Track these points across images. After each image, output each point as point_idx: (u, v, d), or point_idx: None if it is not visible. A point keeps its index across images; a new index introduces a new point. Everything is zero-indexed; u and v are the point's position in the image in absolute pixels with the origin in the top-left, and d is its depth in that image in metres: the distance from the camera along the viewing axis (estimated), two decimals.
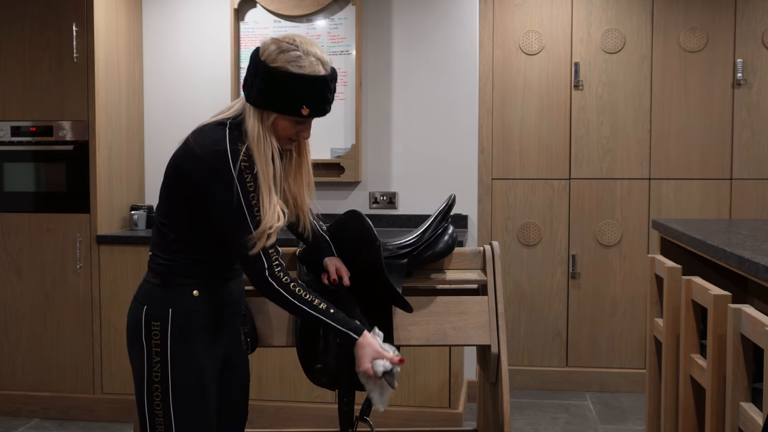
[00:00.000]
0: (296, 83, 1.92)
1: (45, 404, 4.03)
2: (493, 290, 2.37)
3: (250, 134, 1.93)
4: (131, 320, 2.04)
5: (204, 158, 1.91)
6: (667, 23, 4.32)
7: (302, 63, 1.92)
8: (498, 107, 4.42)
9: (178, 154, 1.99)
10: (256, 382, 3.89)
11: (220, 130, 1.93)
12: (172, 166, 1.99)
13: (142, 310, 2.00)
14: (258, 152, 1.92)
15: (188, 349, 2.01)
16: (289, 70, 1.92)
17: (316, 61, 1.94)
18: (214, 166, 1.89)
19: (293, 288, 1.96)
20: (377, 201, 4.27)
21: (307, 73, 1.93)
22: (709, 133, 4.34)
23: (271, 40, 1.97)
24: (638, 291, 4.40)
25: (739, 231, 2.94)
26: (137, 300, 2.04)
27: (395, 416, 3.77)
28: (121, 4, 4.16)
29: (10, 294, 4.02)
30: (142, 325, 2.00)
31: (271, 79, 1.92)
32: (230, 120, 1.97)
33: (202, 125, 1.98)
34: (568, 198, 4.42)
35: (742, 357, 2.05)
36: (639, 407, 4.13)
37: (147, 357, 1.99)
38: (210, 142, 1.91)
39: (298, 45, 1.94)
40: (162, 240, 2.02)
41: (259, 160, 1.92)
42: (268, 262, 1.93)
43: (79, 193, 3.94)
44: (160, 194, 2.04)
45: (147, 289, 2.03)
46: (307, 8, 4.21)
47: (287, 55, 1.92)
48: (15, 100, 3.98)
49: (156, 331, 1.99)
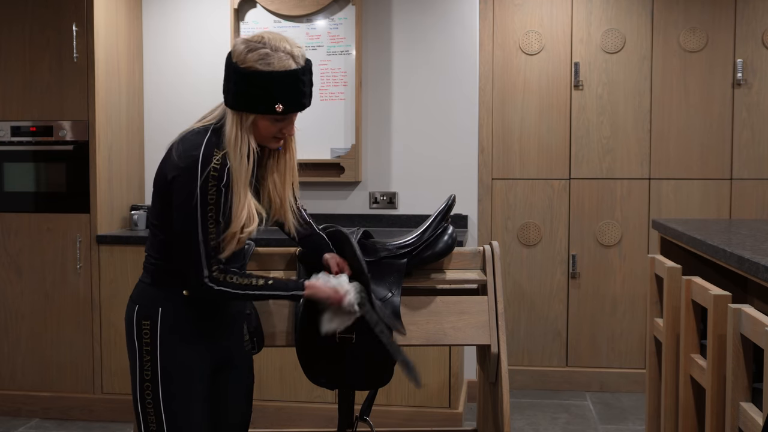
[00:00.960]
0: (266, 81, 1.91)
1: (45, 404, 4.03)
2: (492, 290, 2.37)
3: (228, 137, 1.94)
4: (126, 319, 2.07)
5: (178, 163, 1.93)
6: (667, 23, 4.32)
7: (270, 60, 1.91)
8: (498, 107, 4.42)
9: (164, 158, 2.02)
10: (256, 382, 3.88)
11: (201, 136, 1.95)
12: (159, 170, 2.03)
13: (134, 309, 2.04)
14: (234, 154, 1.93)
15: (177, 348, 2.02)
16: (258, 69, 1.91)
17: (285, 56, 1.93)
18: (183, 171, 1.91)
19: (230, 280, 1.96)
20: (377, 201, 4.27)
21: (276, 69, 1.91)
22: (709, 133, 4.34)
23: (241, 40, 1.97)
24: (638, 291, 4.40)
25: (739, 231, 2.95)
26: (132, 299, 2.07)
27: (395, 416, 3.77)
28: (121, 4, 4.16)
29: (10, 294, 4.02)
30: (134, 324, 2.03)
31: (243, 81, 1.92)
32: (213, 125, 1.99)
33: (187, 131, 2.00)
34: (568, 198, 4.42)
35: (742, 357, 2.05)
36: (639, 407, 4.13)
37: (139, 355, 2.02)
38: (188, 147, 1.93)
39: (266, 42, 1.93)
40: (153, 240, 2.05)
41: (234, 162, 1.92)
42: (209, 271, 1.93)
43: (79, 193, 3.94)
44: (152, 196, 2.06)
45: (140, 288, 2.07)
46: (307, 8, 4.21)
47: (255, 54, 1.92)
48: (15, 100, 3.98)
49: (146, 330, 2.01)
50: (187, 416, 2.04)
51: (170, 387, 2.01)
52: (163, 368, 2.01)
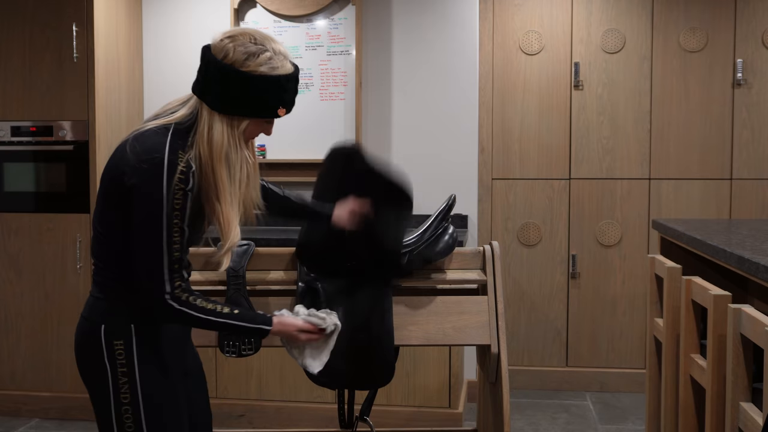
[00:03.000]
0: (273, 85, 1.81)
1: (45, 404, 4.03)
2: (493, 290, 2.37)
3: (218, 145, 1.79)
4: (86, 342, 1.88)
5: (137, 165, 1.75)
6: (667, 23, 4.32)
7: (275, 63, 1.81)
8: (498, 107, 4.42)
9: (113, 158, 1.83)
10: (256, 382, 3.89)
11: (162, 137, 1.77)
12: (108, 170, 1.84)
13: (98, 330, 1.85)
14: (226, 163, 1.81)
15: (155, 364, 1.89)
16: (264, 74, 1.80)
17: (283, 58, 1.84)
18: (145, 174, 1.74)
19: (193, 302, 1.80)
20: None
21: (282, 73, 1.82)
22: (709, 133, 4.34)
23: (228, 39, 1.82)
24: (638, 291, 4.40)
25: (739, 231, 2.95)
26: (88, 319, 1.88)
27: (395, 416, 3.77)
28: (121, 4, 4.16)
29: (10, 294, 4.02)
30: (102, 346, 1.84)
31: (245, 85, 1.79)
32: (174, 124, 1.82)
33: (142, 129, 1.81)
34: (568, 198, 4.42)
35: (742, 357, 2.05)
36: (639, 407, 4.13)
37: (112, 379, 1.85)
38: (147, 148, 1.76)
39: (264, 43, 1.82)
40: (100, 249, 1.87)
41: (223, 171, 1.80)
42: (171, 286, 1.77)
43: (79, 193, 3.94)
44: (98, 199, 1.88)
45: (97, 305, 1.87)
46: (307, 8, 4.21)
47: (260, 57, 1.80)
48: (15, 100, 3.98)
49: (120, 350, 1.84)
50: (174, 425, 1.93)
51: (155, 406, 1.88)
52: (144, 388, 1.86)
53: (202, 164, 1.80)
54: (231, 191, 1.83)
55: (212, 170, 1.80)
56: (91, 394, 1.93)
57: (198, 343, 2.27)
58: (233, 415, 3.91)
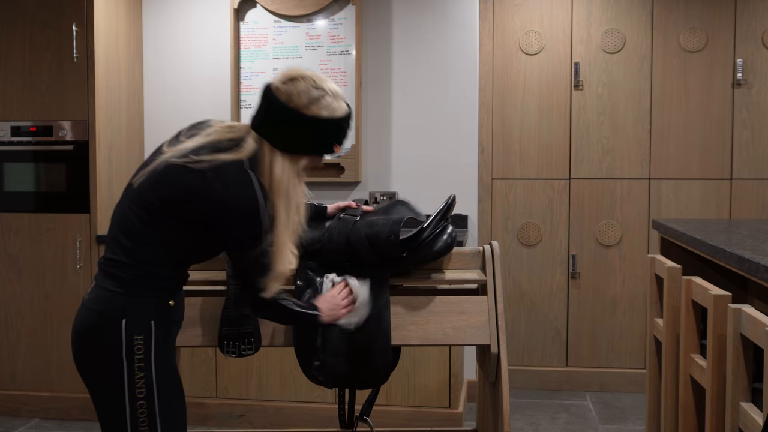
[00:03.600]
0: (332, 127, 1.98)
1: (45, 404, 4.03)
2: (492, 290, 2.37)
3: (279, 181, 1.96)
4: (99, 334, 1.93)
5: (233, 203, 1.88)
6: (667, 23, 4.32)
7: (334, 106, 1.98)
8: (498, 107, 4.42)
9: (192, 182, 1.90)
10: (256, 382, 3.89)
11: (245, 173, 1.90)
12: (185, 191, 1.91)
13: (119, 324, 1.90)
14: (287, 201, 1.96)
15: (166, 358, 1.98)
16: (325, 117, 1.96)
17: (340, 99, 2.01)
18: (245, 216, 1.89)
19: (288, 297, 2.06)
20: (377, 201, 4.27)
21: (341, 115, 2.00)
22: (709, 133, 4.34)
23: (291, 82, 1.96)
24: (638, 291, 4.40)
25: (739, 231, 2.95)
26: (105, 313, 1.93)
27: (395, 416, 3.77)
28: (121, 4, 4.16)
29: (10, 294, 4.02)
30: (121, 340, 1.90)
31: (308, 128, 1.96)
32: (247, 160, 1.94)
33: (220, 161, 1.90)
34: (568, 198, 4.42)
35: (742, 357, 2.05)
36: (639, 407, 4.13)
37: (128, 373, 1.91)
38: (239, 186, 1.89)
39: (323, 86, 1.98)
40: (139, 251, 1.93)
41: (283, 208, 1.96)
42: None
43: (79, 193, 3.94)
44: (147, 205, 1.94)
45: (119, 301, 1.92)
46: (307, 8, 4.21)
47: (321, 102, 1.96)
48: (15, 100, 3.98)
49: (140, 346, 1.91)
50: (182, 424, 2.03)
51: (166, 402, 1.96)
52: (158, 383, 1.94)
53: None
54: (286, 222, 1.97)
55: (273, 203, 1.95)
56: (96, 388, 1.96)
57: (198, 342, 2.27)
58: (233, 415, 3.91)
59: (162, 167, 1.94)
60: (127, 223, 1.95)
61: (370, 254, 2.25)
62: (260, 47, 4.27)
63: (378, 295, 2.26)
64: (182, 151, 1.94)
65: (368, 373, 2.27)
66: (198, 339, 2.25)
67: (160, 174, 1.94)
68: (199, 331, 2.24)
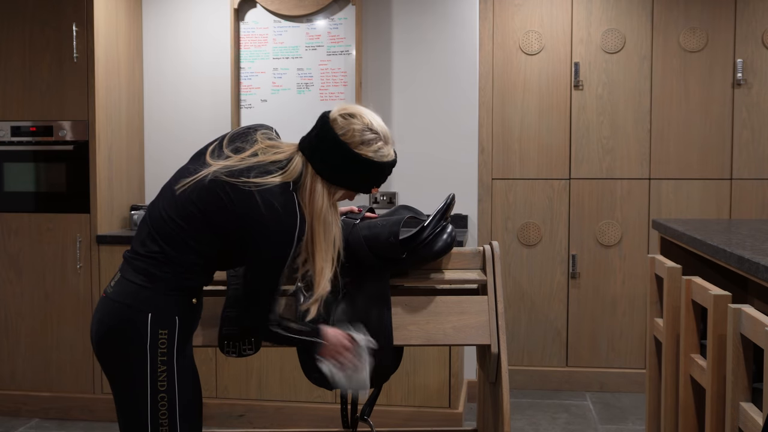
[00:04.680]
0: (376, 170, 2.05)
1: (45, 404, 4.03)
2: (492, 290, 2.37)
3: (319, 207, 2.01)
4: (125, 327, 1.99)
5: (273, 227, 1.94)
6: (667, 23, 4.32)
7: (383, 152, 2.04)
8: (498, 107, 4.42)
9: (238, 200, 1.96)
10: (256, 382, 3.89)
11: (290, 199, 1.96)
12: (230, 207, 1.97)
13: (145, 317, 1.97)
14: (325, 226, 2.03)
15: (187, 353, 2.07)
16: (372, 159, 2.02)
17: (390, 147, 2.07)
18: (280, 238, 1.94)
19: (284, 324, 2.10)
20: (377, 201, 4.27)
21: (386, 161, 2.05)
22: (709, 133, 4.34)
23: (350, 117, 2.03)
24: (638, 291, 4.40)
25: (739, 231, 2.94)
26: (133, 307, 1.99)
27: (395, 416, 3.77)
28: (121, 4, 4.16)
29: (10, 294, 4.02)
30: (147, 333, 1.97)
31: (354, 164, 2.01)
32: (292, 182, 2.00)
33: (269, 184, 1.96)
34: (568, 198, 4.42)
35: (742, 357, 2.05)
36: (639, 407, 4.13)
37: (151, 366, 1.98)
38: (283, 210, 1.94)
39: (378, 131, 2.03)
40: (181, 258, 2.00)
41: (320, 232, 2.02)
42: (273, 313, 2.06)
43: (79, 193, 3.94)
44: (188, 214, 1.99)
45: (146, 295, 1.99)
46: (307, 8, 4.21)
47: (373, 145, 2.02)
48: (15, 100, 3.98)
49: (164, 340, 1.99)
50: (199, 419, 2.11)
51: (186, 395, 2.04)
52: (179, 377, 2.01)
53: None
54: (325, 248, 2.03)
55: (311, 228, 2.02)
56: (119, 383, 2.02)
57: (199, 342, 2.27)
58: (233, 415, 3.91)
59: (208, 181, 1.98)
60: (164, 227, 2.01)
61: (368, 256, 2.25)
62: (260, 47, 4.27)
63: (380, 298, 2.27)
64: (230, 168, 1.99)
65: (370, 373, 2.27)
66: (198, 339, 2.25)
67: (205, 188, 1.99)
68: (199, 331, 2.24)
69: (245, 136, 2.09)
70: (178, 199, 2.00)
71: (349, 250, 2.27)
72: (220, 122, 4.29)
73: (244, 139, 2.08)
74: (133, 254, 2.04)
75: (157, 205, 2.06)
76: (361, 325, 2.22)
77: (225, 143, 2.07)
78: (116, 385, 2.03)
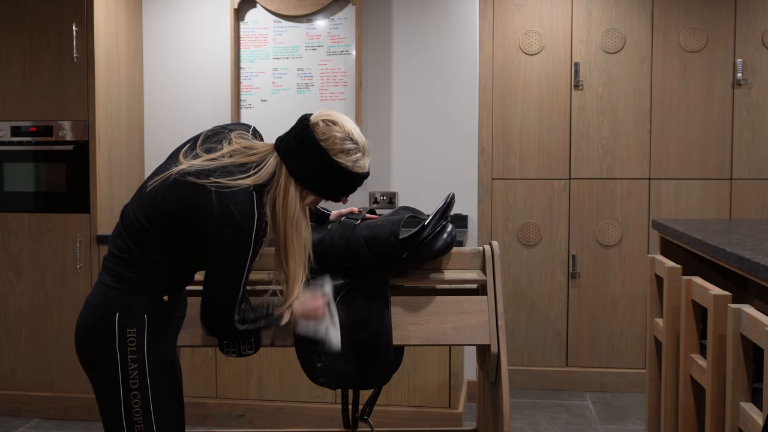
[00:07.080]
0: (351, 180, 2.06)
1: (45, 404, 4.03)
2: (492, 290, 2.37)
3: (292, 211, 2.02)
4: (95, 327, 2.02)
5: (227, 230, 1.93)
6: (667, 23, 4.32)
7: (361, 164, 2.06)
8: (498, 107, 4.42)
9: (195, 199, 1.95)
10: (256, 382, 3.89)
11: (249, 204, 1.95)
12: (186, 205, 1.97)
13: (112, 318, 1.99)
14: (297, 230, 2.03)
15: (165, 354, 2.08)
16: (348, 168, 2.03)
17: (366, 158, 2.08)
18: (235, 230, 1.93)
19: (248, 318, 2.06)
20: (377, 201, 4.27)
21: (361, 172, 2.07)
22: (709, 133, 4.34)
23: (332, 124, 2.03)
24: (638, 291, 4.40)
25: (739, 231, 2.95)
26: (102, 307, 2.01)
27: (395, 416, 3.77)
28: (121, 4, 4.16)
29: (10, 294, 4.02)
30: (114, 333, 1.99)
31: (330, 170, 2.02)
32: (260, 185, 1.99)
33: (231, 187, 1.94)
34: (568, 198, 4.42)
35: (742, 357, 2.05)
36: (639, 407, 4.13)
37: (121, 364, 2.00)
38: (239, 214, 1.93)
39: (358, 142, 2.05)
40: (144, 257, 2.01)
41: (295, 233, 2.02)
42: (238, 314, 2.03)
43: (79, 193, 3.94)
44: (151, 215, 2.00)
45: (114, 295, 2.01)
46: (307, 8, 4.21)
47: (351, 156, 2.03)
48: (15, 100, 3.98)
49: (132, 338, 2.00)
50: (175, 415, 2.10)
51: (160, 389, 2.04)
52: (152, 376, 2.02)
53: (276, 222, 2.03)
54: (299, 251, 2.04)
55: (284, 231, 2.03)
56: (96, 382, 2.06)
57: (198, 342, 2.27)
58: (233, 415, 3.91)
59: (172, 180, 1.99)
60: (132, 226, 2.03)
61: (369, 257, 2.25)
62: (260, 47, 4.27)
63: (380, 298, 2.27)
64: (197, 168, 1.98)
65: (371, 373, 2.27)
66: (198, 339, 2.25)
67: (168, 187, 1.99)
68: (199, 331, 2.24)
69: (218, 136, 2.08)
70: (145, 199, 2.03)
71: (349, 251, 2.26)
72: (220, 122, 4.27)
73: (217, 139, 2.07)
74: (108, 255, 2.08)
75: (129, 204, 2.09)
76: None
77: (199, 142, 2.07)
78: (93, 385, 2.07)
